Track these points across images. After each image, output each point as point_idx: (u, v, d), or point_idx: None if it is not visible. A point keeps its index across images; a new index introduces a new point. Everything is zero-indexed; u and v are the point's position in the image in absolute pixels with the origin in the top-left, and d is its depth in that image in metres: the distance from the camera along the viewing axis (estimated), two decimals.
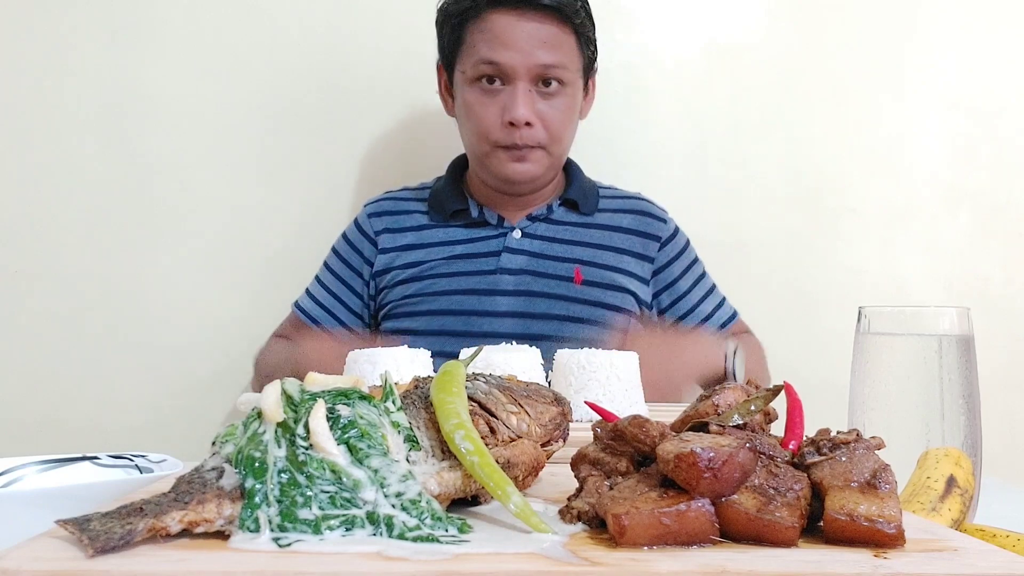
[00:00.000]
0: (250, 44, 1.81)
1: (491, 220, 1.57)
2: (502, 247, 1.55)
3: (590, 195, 1.61)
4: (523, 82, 1.45)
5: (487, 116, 1.47)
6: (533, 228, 1.57)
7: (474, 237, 1.57)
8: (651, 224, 1.60)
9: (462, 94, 1.50)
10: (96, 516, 0.49)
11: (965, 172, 1.87)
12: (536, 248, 1.55)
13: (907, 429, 0.77)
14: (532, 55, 1.44)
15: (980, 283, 1.86)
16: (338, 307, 1.61)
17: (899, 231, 1.87)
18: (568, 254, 1.55)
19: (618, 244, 1.57)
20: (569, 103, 1.51)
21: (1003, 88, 1.88)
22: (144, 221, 1.81)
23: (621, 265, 1.56)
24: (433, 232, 1.59)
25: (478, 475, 0.56)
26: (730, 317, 1.62)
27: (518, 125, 1.45)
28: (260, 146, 1.82)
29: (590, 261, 1.55)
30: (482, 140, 1.49)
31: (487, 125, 1.47)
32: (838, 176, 1.87)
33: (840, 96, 1.86)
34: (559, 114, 1.49)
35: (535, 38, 1.44)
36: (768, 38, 1.86)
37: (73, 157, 1.79)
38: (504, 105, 1.46)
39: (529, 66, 1.44)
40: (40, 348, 1.79)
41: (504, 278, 1.52)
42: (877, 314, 0.81)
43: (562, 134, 1.52)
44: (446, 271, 1.54)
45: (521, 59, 1.44)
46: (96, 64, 1.79)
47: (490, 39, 1.45)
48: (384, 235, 1.60)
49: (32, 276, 1.79)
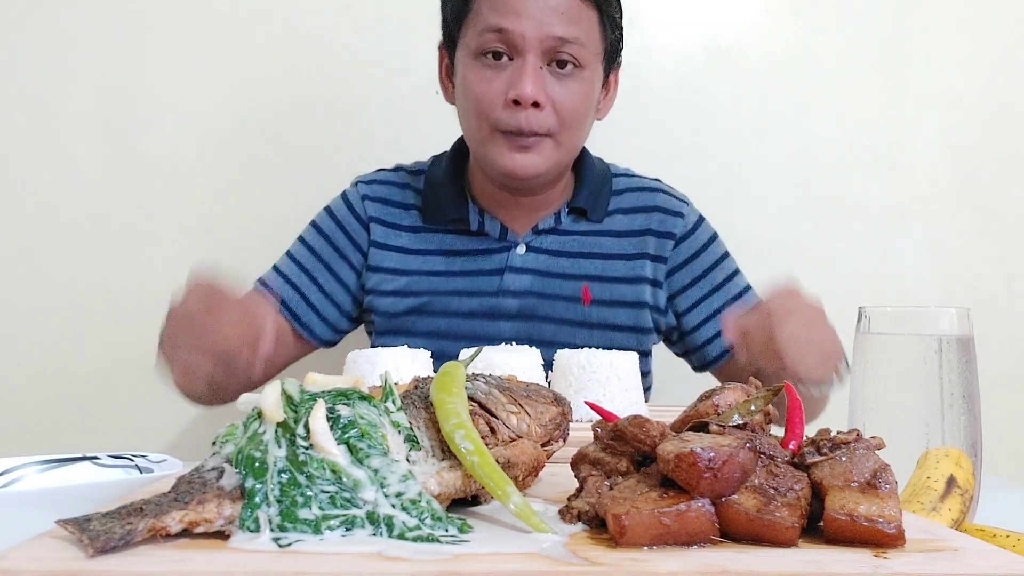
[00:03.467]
0: (250, 44, 1.81)
1: (493, 232, 1.39)
2: (505, 264, 1.38)
3: (601, 197, 1.43)
4: (533, 56, 1.26)
5: (488, 92, 1.27)
6: (539, 241, 1.40)
7: (474, 249, 1.40)
8: (665, 221, 1.43)
9: (463, 71, 1.31)
10: (96, 516, 0.49)
11: (965, 172, 1.87)
12: (542, 265, 1.39)
13: (907, 429, 0.77)
14: (545, 24, 1.25)
15: (980, 283, 1.86)
16: (314, 291, 1.40)
17: (899, 231, 1.87)
18: (576, 269, 1.39)
19: (630, 250, 1.41)
20: (586, 89, 1.31)
21: (1003, 88, 1.88)
22: (144, 221, 1.81)
23: (634, 273, 1.40)
24: (429, 237, 1.42)
25: (478, 475, 0.56)
26: None
27: (524, 104, 1.25)
28: (260, 146, 1.82)
29: (599, 275, 1.39)
30: (481, 121, 1.29)
31: (487, 103, 1.28)
32: (838, 176, 1.86)
33: (840, 96, 1.86)
34: (573, 98, 1.29)
35: (550, 7, 1.26)
36: (768, 38, 1.86)
37: (73, 157, 1.79)
38: (509, 81, 1.27)
39: (541, 36, 1.25)
40: (40, 348, 1.79)
41: (507, 301, 1.37)
42: (877, 314, 0.81)
43: (575, 122, 1.31)
44: (443, 288, 1.38)
45: (532, 28, 1.25)
46: (96, 64, 1.79)
47: (499, 5, 1.27)
48: (377, 225, 1.42)
49: (32, 276, 1.79)
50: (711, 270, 1.43)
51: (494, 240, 1.40)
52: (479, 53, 1.29)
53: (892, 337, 0.80)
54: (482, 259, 1.40)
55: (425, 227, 1.42)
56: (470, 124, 1.33)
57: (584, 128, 1.35)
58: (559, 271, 1.39)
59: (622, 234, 1.42)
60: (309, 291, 1.40)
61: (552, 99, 1.27)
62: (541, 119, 1.27)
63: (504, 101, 1.27)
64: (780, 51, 1.86)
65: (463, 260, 1.40)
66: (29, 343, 1.79)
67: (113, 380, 1.78)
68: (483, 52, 1.28)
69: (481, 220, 1.39)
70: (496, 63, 1.28)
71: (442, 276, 1.39)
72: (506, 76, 1.27)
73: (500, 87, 1.27)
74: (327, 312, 1.40)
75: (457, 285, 1.38)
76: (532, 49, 1.26)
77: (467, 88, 1.31)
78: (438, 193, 1.42)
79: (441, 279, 1.39)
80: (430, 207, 1.42)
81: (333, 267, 1.41)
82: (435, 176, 1.43)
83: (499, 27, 1.26)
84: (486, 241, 1.40)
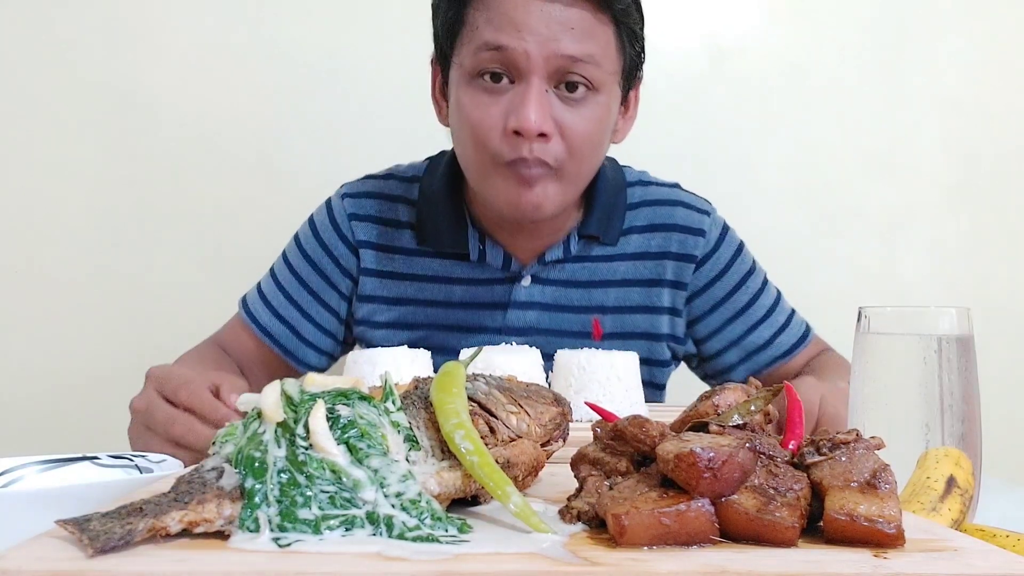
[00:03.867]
0: (250, 44, 1.81)
1: (495, 262, 1.26)
2: (509, 299, 1.27)
3: (615, 216, 1.28)
4: (537, 78, 1.09)
5: (486, 120, 1.11)
6: (546, 272, 1.27)
7: (475, 279, 1.28)
8: (685, 241, 1.29)
9: (457, 93, 1.15)
10: (96, 516, 0.49)
11: (965, 172, 1.87)
12: (549, 297, 1.27)
13: (907, 429, 0.77)
14: (552, 41, 1.08)
15: (980, 283, 1.86)
16: (306, 326, 1.31)
17: (899, 231, 1.87)
18: (586, 300, 1.28)
19: (646, 275, 1.29)
20: (600, 115, 1.14)
21: (1003, 88, 1.88)
22: (144, 221, 1.81)
23: (650, 302, 1.29)
24: (425, 262, 1.29)
25: (478, 475, 0.56)
26: (798, 340, 1.32)
27: (527, 136, 1.09)
28: (260, 146, 1.82)
29: (613, 306, 1.28)
30: (479, 152, 1.14)
31: (485, 131, 1.12)
32: (838, 176, 1.87)
33: (840, 96, 1.87)
34: (586, 125, 1.12)
35: (558, 21, 1.08)
36: (768, 38, 1.86)
37: (73, 157, 1.79)
38: (510, 108, 1.10)
39: (547, 55, 1.08)
40: (40, 348, 1.79)
41: (511, 340, 1.24)
42: (877, 314, 0.81)
43: (587, 152, 1.15)
44: (442, 321, 1.27)
45: (537, 45, 1.07)
46: (96, 64, 1.79)
47: (496, 18, 1.09)
48: (367, 251, 1.29)
49: (32, 276, 1.79)
50: (735, 291, 1.31)
51: (496, 270, 1.28)
52: (475, 74, 1.12)
53: (892, 337, 0.80)
54: (484, 290, 1.28)
55: (420, 249, 1.30)
56: (467, 154, 1.18)
57: (598, 157, 1.20)
58: (568, 303, 1.28)
59: (638, 256, 1.30)
60: (301, 326, 1.31)
61: (560, 126, 1.11)
62: (547, 149, 1.11)
63: (504, 130, 1.11)
64: (780, 51, 1.86)
65: (463, 290, 1.29)
66: (29, 343, 1.79)
67: (113, 380, 1.78)
68: (479, 73, 1.12)
69: (482, 248, 1.26)
70: (494, 86, 1.11)
71: (440, 307, 1.28)
72: (506, 101, 1.11)
73: (499, 114, 1.11)
74: (321, 344, 1.33)
75: (457, 319, 1.28)
76: (536, 70, 1.09)
77: (462, 114, 1.15)
78: (434, 214, 1.28)
79: (439, 311, 1.28)
80: (426, 228, 1.29)
81: (323, 297, 1.31)
82: (430, 190, 1.30)
83: (497, 44, 1.09)
84: (488, 270, 1.28)
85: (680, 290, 1.30)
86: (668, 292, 1.30)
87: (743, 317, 1.31)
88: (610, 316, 1.28)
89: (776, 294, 1.35)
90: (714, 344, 1.32)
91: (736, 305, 1.31)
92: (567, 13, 1.08)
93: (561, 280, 1.28)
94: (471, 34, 1.12)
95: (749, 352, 1.31)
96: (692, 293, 1.31)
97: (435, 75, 1.25)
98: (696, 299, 1.31)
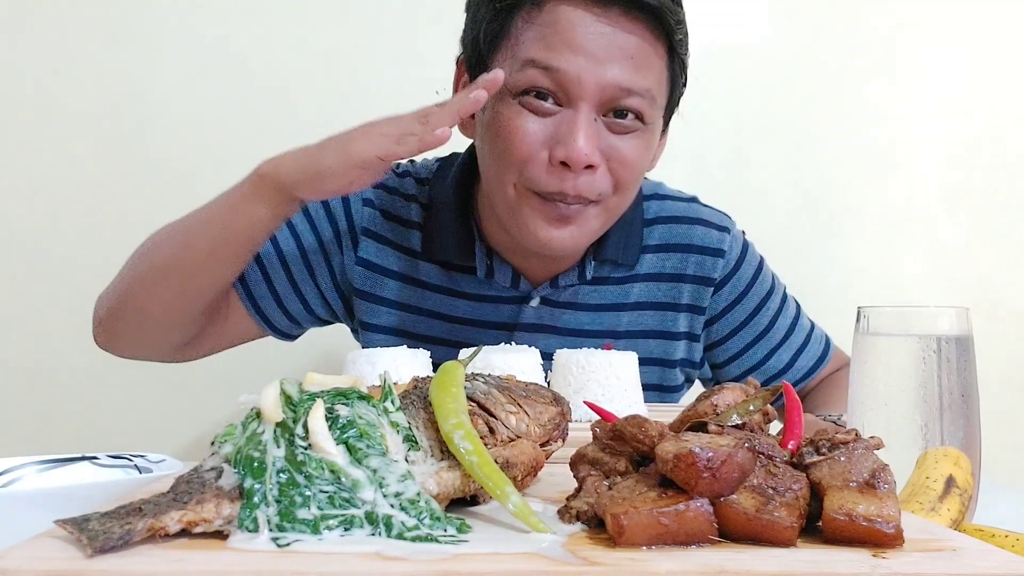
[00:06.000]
0: (250, 43, 1.81)
1: (503, 280, 1.18)
2: (516, 320, 1.19)
3: (632, 236, 1.21)
4: (587, 105, 1.01)
5: (528, 145, 1.02)
6: (556, 295, 1.20)
7: (481, 295, 1.21)
8: (703, 263, 1.22)
9: (495, 107, 1.05)
10: (95, 516, 0.49)
11: (965, 172, 1.87)
12: (559, 321, 1.20)
13: (906, 429, 0.77)
14: (607, 68, 1.00)
15: (980, 283, 1.86)
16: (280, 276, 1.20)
17: (899, 231, 1.87)
18: (598, 325, 1.21)
19: (661, 298, 1.23)
20: (646, 147, 1.07)
21: (1003, 88, 1.88)
22: (144, 221, 1.80)
23: (665, 327, 1.23)
24: (429, 268, 1.21)
25: (477, 475, 0.56)
26: (816, 362, 1.29)
27: (574, 168, 1.01)
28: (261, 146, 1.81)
29: (626, 331, 1.21)
30: (513, 176, 1.05)
31: (524, 157, 1.03)
32: (838, 176, 1.87)
33: (840, 96, 1.87)
34: (635, 158, 1.05)
35: (615, 46, 1.00)
36: (768, 38, 1.86)
37: (73, 157, 1.79)
38: (556, 135, 1.02)
39: (603, 84, 1.00)
40: (40, 348, 1.79)
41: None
42: (877, 314, 0.81)
43: (631, 186, 1.08)
44: (445, 337, 1.20)
45: (592, 71, 0.99)
46: (96, 64, 1.79)
47: (549, 35, 1.00)
48: (369, 241, 1.21)
49: (32, 276, 1.79)
50: (755, 315, 1.26)
51: (504, 288, 1.19)
52: (518, 91, 1.03)
53: (891, 337, 0.80)
54: (489, 308, 1.21)
55: (425, 254, 1.22)
56: (498, 177, 1.07)
57: (637, 189, 1.13)
58: (579, 328, 1.21)
59: (651, 278, 1.23)
60: (276, 277, 1.20)
61: (607, 157, 1.04)
62: (592, 183, 1.04)
63: (549, 158, 1.03)
64: (780, 51, 1.86)
65: (467, 306, 1.21)
66: (29, 343, 1.79)
67: (113, 380, 1.78)
68: (523, 91, 1.03)
69: (490, 265, 1.18)
70: (540, 105, 1.02)
71: (443, 320, 1.22)
72: (551, 125, 1.03)
73: (542, 140, 1.03)
74: (291, 306, 1.22)
75: (459, 336, 1.20)
76: (588, 97, 1.01)
77: (499, 132, 1.05)
78: (441, 223, 1.20)
79: (442, 324, 1.22)
80: (432, 236, 1.21)
81: (310, 259, 1.21)
82: (439, 198, 1.22)
83: (547, 65, 1.01)
84: (495, 287, 1.20)
85: (698, 314, 1.24)
86: (685, 317, 1.24)
87: (763, 341, 1.27)
88: (622, 342, 1.21)
89: (795, 311, 1.31)
90: (732, 370, 1.28)
91: (756, 329, 1.26)
92: (625, 39, 1.01)
93: (572, 303, 1.21)
94: (515, 47, 1.04)
95: (768, 377, 1.27)
96: (711, 318, 1.25)
97: (459, 77, 1.16)
98: (715, 324, 1.26)
